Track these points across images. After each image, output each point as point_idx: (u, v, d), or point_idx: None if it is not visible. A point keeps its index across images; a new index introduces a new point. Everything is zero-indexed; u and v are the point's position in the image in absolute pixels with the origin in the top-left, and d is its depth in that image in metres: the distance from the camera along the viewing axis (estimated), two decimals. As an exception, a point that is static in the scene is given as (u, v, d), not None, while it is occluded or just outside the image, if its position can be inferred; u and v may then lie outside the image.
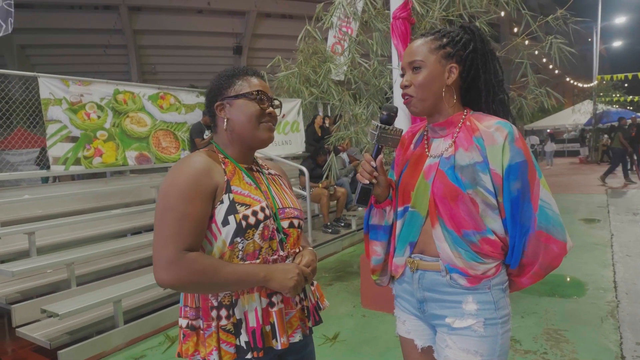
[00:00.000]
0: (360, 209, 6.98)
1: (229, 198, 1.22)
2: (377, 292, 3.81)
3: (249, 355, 1.20)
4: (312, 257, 1.35)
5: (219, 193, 1.23)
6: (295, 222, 1.36)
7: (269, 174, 1.44)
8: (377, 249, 1.47)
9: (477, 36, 1.34)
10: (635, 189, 10.73)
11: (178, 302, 4.16)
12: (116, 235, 5.51)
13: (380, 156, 1.34)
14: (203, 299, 1.24)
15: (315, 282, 1.45)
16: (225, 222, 1.21)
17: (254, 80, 1.33)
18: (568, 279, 4.50)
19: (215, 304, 1.23)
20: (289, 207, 1.36)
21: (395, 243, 1.42)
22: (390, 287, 1.53)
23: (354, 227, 6.94)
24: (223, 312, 1.22)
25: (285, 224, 1.33)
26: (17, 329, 3.48)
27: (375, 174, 1.33)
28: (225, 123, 1.32)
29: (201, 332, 1.23)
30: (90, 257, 4.44)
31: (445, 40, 1.32)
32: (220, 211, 1.21)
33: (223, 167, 1.29)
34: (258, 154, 1.50)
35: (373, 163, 1.33)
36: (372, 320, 3.72)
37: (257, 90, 1.31)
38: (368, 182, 1.32)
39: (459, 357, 1.27)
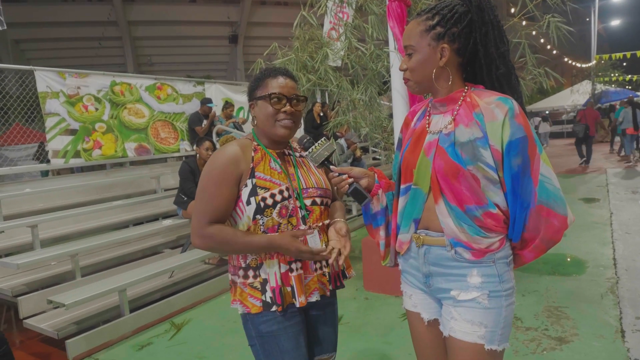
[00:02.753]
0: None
1: (252, 182, 1.45)
2: (379, 275, 3.85)
3: (273, 308, 1.44)
4: (337, 244, 1.49)
5: (244, 178, 1.46)
6: (318, 200, 1.54)
7: (300, 156, 1.64)
8: (382, 233, 1.55)
9: (474, 6, 1.29)
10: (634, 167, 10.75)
11: (182, 290, 4.20)
12: (118, 226, 5.54)
13: (333, 166, 1.46)
14: (237, 259, 1.51)
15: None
16: (248, 202, 1.45)
17: (276, 82, 1.50)
18: (568, 258, 4.53)
19: (244, 265, 1.49)
20: (312, 187, 1.55)
21: (399, 220, 1.44)
22: (398, 266, 1.56)
23: (354, 213, 6.96)
24: (250, 273, 1.48)
25: (308, 202, 1.52)
26: (24, 321, 3.53)
27: (344, 177, 1.42)
28: (254, 119, 1.55)
29: (237, 286, 1.51)
30: (93, 248, 4.47)
31: (436, 19, 1.29)
32: (245, 193, 1.45)
33: (253, 154, 1.50)
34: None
35: (334, 174, 1.44)
36: (374, 302, 3.76)
37: (272, 93, 1.48)
38: (348, 186, 1.41)
39: (464, 329, 1.29)
